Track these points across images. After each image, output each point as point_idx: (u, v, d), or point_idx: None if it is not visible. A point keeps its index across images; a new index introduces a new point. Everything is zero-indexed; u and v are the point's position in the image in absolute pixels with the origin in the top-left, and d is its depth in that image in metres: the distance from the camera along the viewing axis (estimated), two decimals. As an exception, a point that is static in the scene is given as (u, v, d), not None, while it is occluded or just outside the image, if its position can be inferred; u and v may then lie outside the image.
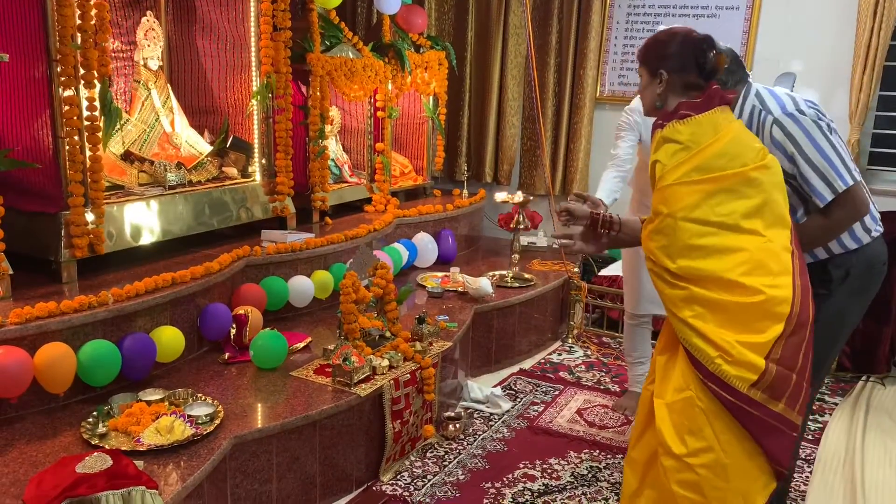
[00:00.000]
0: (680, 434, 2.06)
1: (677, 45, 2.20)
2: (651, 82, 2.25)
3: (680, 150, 2.11)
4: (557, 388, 3.85)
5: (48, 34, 2.74)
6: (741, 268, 2.03)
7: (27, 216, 2.92)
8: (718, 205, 2.08)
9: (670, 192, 2.12)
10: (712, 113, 2.12)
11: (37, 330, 2.48)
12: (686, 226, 2.08)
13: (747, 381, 1.98)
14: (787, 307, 2.01)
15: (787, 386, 2.02)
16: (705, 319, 2.03)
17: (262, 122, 3.84)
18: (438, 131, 5.17)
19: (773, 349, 1.99)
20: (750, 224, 2.06)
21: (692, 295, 2.06)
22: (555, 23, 5.37)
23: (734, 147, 2.08)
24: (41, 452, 2.28)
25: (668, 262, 2.10)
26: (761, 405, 2.00)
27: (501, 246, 5.17)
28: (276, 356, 2.96)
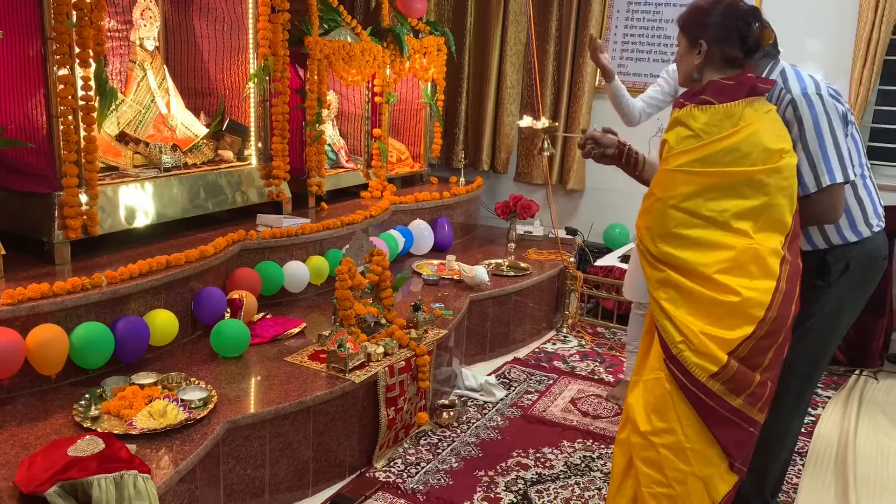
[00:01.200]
0: (647, 412, 2.13)
1: (720, 13, 2.10)
2: (689, 51, 2.17)
3: (690, 136, 2.09)
4: (551, 378, 3.85)
5: (43, 11, 2.70)
6: (720, 265, 2.05)
7: (20, 196, 2.89)
8: (712, 200, 2.07)
9: (667, 177, 2.12)
10: (736, 104, 2.06)
11: (29, 311, 2.46)
12: (674, 213, 2.09)
13: (707, 370, 2.02)
14: (760, 311, 2.03)
15: (748, 383, 2.05)
16: (676, 304, 2.08)
17: (258, 105, 3.80)
18: (436, 118, 5.14)
19: (739, 348, 2.03)
20: (740, 224, 2.06)
21: (668, 278, 2.09)
22: (554, 10, 5.33)
23: (747, 145, 2.05)
24: (32, 435, 2.26)
25: (651, 244, 2.13)
26: (718, 397, 2.04)
27: (497, 234, 5.15)
28: (237, 344, 2.90)
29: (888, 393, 3.85)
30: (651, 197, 2.17)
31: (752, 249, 2.06)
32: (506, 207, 4.73)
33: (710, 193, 2.08)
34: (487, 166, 5.78)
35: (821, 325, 2.37)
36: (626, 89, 3.56)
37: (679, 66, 2.26)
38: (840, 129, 2.18)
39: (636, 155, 2.43)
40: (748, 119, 2.06)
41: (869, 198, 2.34)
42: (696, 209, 2.08)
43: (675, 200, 2.09)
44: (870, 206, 2.33)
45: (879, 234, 2.36)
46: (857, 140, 2.32)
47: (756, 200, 2.07)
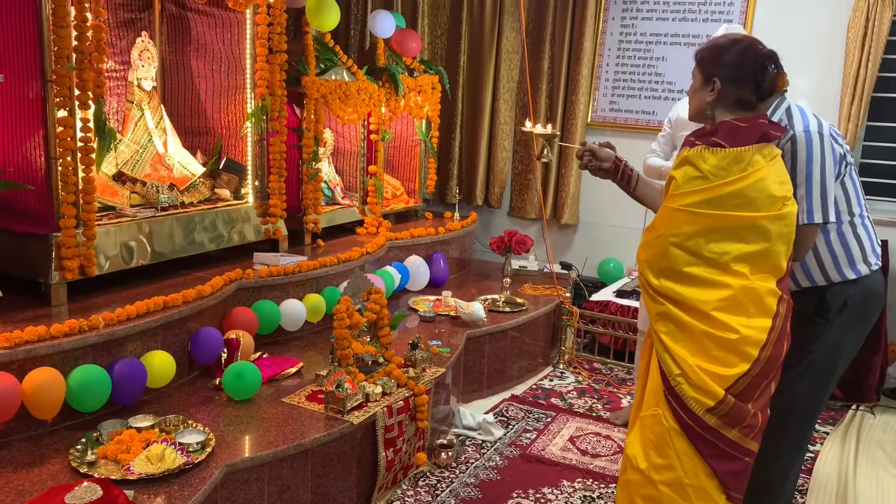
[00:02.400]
0: (646, 449, 2.17)
1: (737, 53, 2.12)
2: (703, 88, 2.19)
3: (698, 178, 2.12)
4: (549, 415, 3.83)
5: (44, 54, 2.72)
6: (719, 303, 2.09)
7: (17, 237, 2.88)
8: (714, 241, 2.10)
9: (672, 215, 2.15)
10: (746, 150, 2.08)
11: (25, 354, 2.44)
12: (675, 251, 2.12)
13: (703, 405, 2.07)
14: (756, 350, 2.07)
15: (743, 416, 2.09)
16: (675, 338, 2.12)
17: (255, 143, 3.82)
18: (431, 154, 5.18)
19: (736, 384, 2.07)
20: (738, 267, 2.10)
21: (668, 312, 2.13)
22: (547, 48, 5.41)
23: (753, 191, 2.07)
24: (28, 481, 2.23)
25: (652, 277, 2.16)
26: (715, 430, 2.08)
27: (492, 269, 5.16)
28: (249, 388, 2.87)
29: (885, 428, 3.86)
30: (654, 231, 2.20)
31: (750, 289, 2.09)
32: (501, 242, 4.74)
33: (713, 235, 2.11)
34: (481, 201, 5.81)
35: (820, 362, 2.39)
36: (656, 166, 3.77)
37: (691, 101, 2.27)
38: (831, 171, 2.22)
39: (631, 172, 2.47)
40: (757, 165, 2.08)
41: (867, 236, 2.37)
42: (697, 249, 2.11)
43: (678, 239, 2.12)
44: (868, 244, 2.36)
45: (877, 273, 2.39)
46: (854, 180, 2.36)
47: (757, 245, 2.10)
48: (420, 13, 5.64)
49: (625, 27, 5.24)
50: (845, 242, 2.32)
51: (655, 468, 2.15)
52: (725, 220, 2.09)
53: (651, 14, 5.15)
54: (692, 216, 2.11)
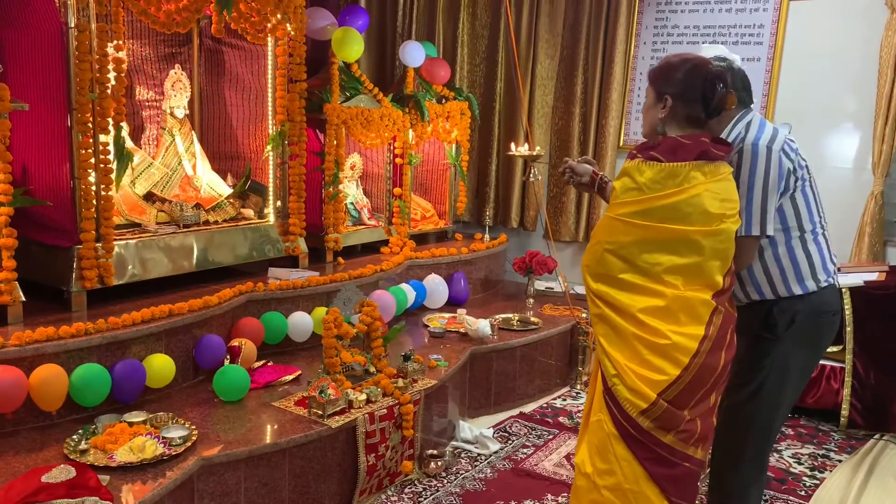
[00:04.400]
0: (591, 454, 2.24)
1: (686, 72, 2.19)
2: (655, 105, 2.26)
3: (633, 189, 2.19)
4: (552, 433, 3.86)
5: (70, 86, 3.05)
6: (650, 309, 2.14)
7: (45, 249, 3.21)
8: (647, 252, 2.16)
9: (609, 224, 2.23)
10: (682, 165, 2.13)
11: (34, 352, 2.72)
12: (610, 258, 2.20)
13: (637, 406, 2.13)
14: (686, 357, 2.11)
15: (677, 421, 2.13)
16: (611, 341, 2.20)
17: (277, 167, 4.09)
18: (460, 178, 5.33)
19: (667, 390, 2.11)
20: (670, 278, 2.16)
21: (603, 314, 2.21)
22: (580, 74, 5.50)
23: (688, 207, 2.13)
24: (24, 464, 2.49)
25: (591, 281, 2.25)
26: (648, 433, 2.13)
27: (521, 290, 5.23)
28: (234, 389, 3.06)
29: (907, 459, 3.69)
30: (594, 238, 2.29)
31: (682, 298, 2.14)
32: (522, 263, 4.84)
33: (646, 246, 2.17)
34: (517, 223, 5.90)
35: (771, 381, 2.38)
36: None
37: (644, 118, 2.35)
38: (774, 185, 2.23)
39: (605, 183, 2.55)
40: (693, 181, 2.13)
41: (818, 252, 2.35)
42: (630, 258, 2.18)
43: (613, 246, 2.21)
44: (818, 260, 2.34)
45: (829, 290, 2.36)
46: (808, 195, 2.35)
47: (689, 259, 2.15)
48: (459, 42, 5.84)
49: (655, 51, 5.27)
50: (794, 257, 2.32)
51: (599, 473, 2.21)
52: (658, 231, 2.15)
53: (681, 38, 5.17)
54: (627, 226, 2.18)
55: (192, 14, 3.39)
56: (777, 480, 3.43)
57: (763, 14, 4.85)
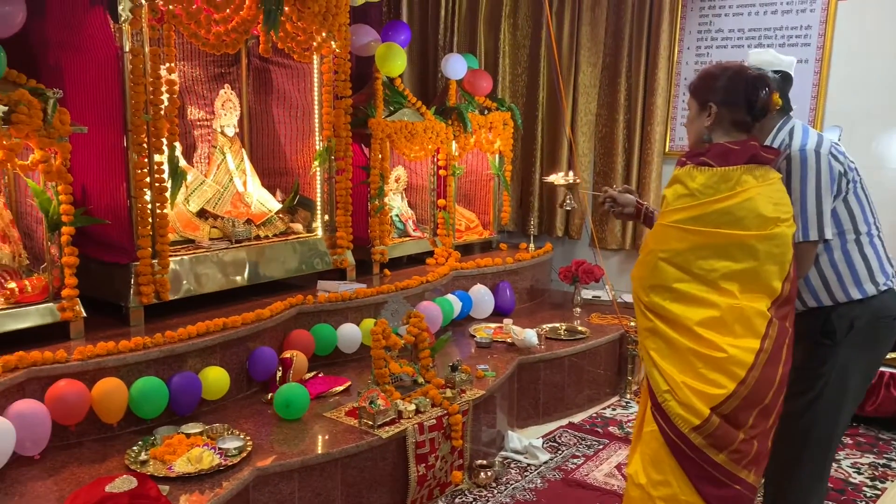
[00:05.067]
0: (644, 464, 2.21)
1: (728, 78, 2.22)
2: (699, 115, 2.28)
3: (686, 195, 2.19)
4: (602, 443, 3.84)
5: (126, 108, 3.16)
6: (705, 321, 2.11)
7: (105, 266, 3.33)
8: (702, 258, 2.15)
9: (662, 231, 2.22)
10: (734, 169, 2.14)
11: (96, 366, 2.83)
12: (665, 267, 2.18)
13: (689, 422, 2.09)
14: (742, 370, 2.08)
15: (730, 440, 2.08)
16: (663, 354, 2.16)
17: (324, 181, 4.16)
18: (504, 187, 5.35)
19: (722, 405, 2.08)
20: (727, 285, 2.13)
21: (656, 328, 2.18)
22: (623, 81, 5.47)
23: (741, 210, 2.12)
24: (88, 475, 2.58)
25: (642, 293, 2.22)
26: (699, 450, 2.10)
27: (567, 299, 5.21)
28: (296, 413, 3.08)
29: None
30: (645, 248, 2.28)
31: (737, 309, 2.12)
32: (568, 272, 4.83)
33: (701, 252, 2.16)
34: (562, 232, 5.88)
35: (831, 388, 2.33)
36: None
37: (689, 130, 2.36)
38: (827, 189, 2.20)
39: (652, 214, 2.56)
40: (746, 185, 2.13)
41: (875, 255, 2.31)
42: (686, 265, 2.17)
43: (667, 255, 2.19)
44: (876, 263, 2.30)
45: (888, 294, 2.31)
46: (861, 198, 2.32)
47: (745, 264, 2.13)
48: (501, 53, 5.86)
49: (700, 56, 5.22)
50: (850, 261, 2.28)
51: (653, 484, 2.19)
52: (713, 237, 2.14)
53: (726, 42, 5.11)
54: (681, 232, 2.17)
55: (241, 35, 3.49)
56: (836, 491, 3.35)
57: (810, 15, 4.77)
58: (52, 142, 2.87)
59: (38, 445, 2.65)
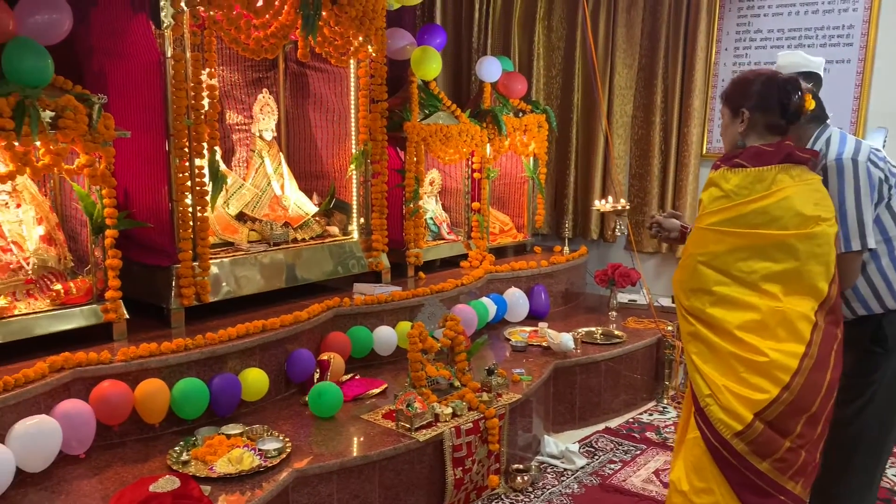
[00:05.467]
0: (687, 471, 2.19)
1: (761, 83, 2.21)
2: (733, 121, 2.26)
3: (722, 197, 2.18)
4: (640, 448, 3.80)
5: (167, 113, 3.21)
6: (745, 324, 2.08)
7: (146, 268, 3.38)
8: (741, 260, 2.12)
9: (700, 235, 2.20)
10: (768, 169, 2.13)
11: (139, 367, 2.87)
12: (704, 270, 2.16)
13: (731, 428, 2.06)
14: (786, 375, 2.04)
15: (774, 448, 2.05)
16: (705, 358, 2.14)
17: (360, 185, 4.19)
18: (538, 190, 5.33)
19: (766, 411, 2.04)
20: (769, 286, 2.10)
21: (697, 332, 2.17)
22: (659, 83, 5.42)
23: (778, 210, 2.10)
24: (131, 474, 2.62)
25: (683, 297, 2.21)
26: (742, 457, 2.06)
27: (602, 303, 5.17)
28: (329, 407, 3.12)
29: None
30: (685, 252, 2.26)
31: (779, 312, 2.08)
32: (604, 276, 4.80)
33: (740, 254, 2.13)
34: (596, 235, 5.84)
35: (882, 395, 2.29)
36: None
37: (724, 137, 2.35)
38: (867, 196, 2.17)
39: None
40: (781, 184, 2.11)
41: None
42: (725, 268, 2.15)
43: (706, 258, 2.18)
44: None
45: None
46: None
47: (786, 264, 2.10)
48: (535, 55, 5.84)
49: (738, 57, 5.15)
50: None
51: (696, 492, 2.17)
52: (751, 238, 2.11)
53: (765, 43, 5.04)
54: (718, 235, 2.15)
55: (280, 40, 3.52)
56: (882, 500, 3.27)
57: (853, 14, 4.68)
58: (96, 146, 2.93)
59: (84, 445, 2.70)
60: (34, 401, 2.61)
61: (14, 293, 2.97)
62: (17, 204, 3.08)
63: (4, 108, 2.65)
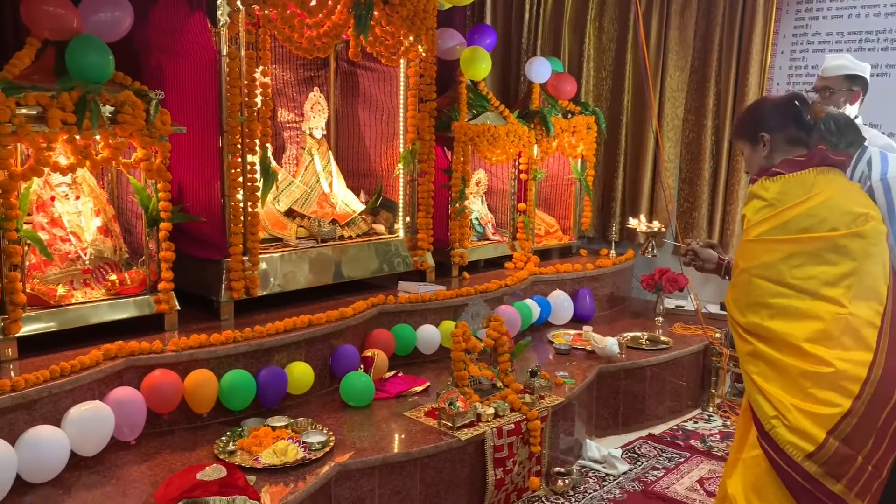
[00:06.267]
0: (746, 492, 2.08)
1: (770, 105, 2.24)
2: (754, 150, 2.26)
3: (765, 206, 2.14)
4: (684, 456, 3.75)
5: (222, 110, 3.28)
6: (810, 335, 2.00)
7: (198, 262, 3.45)
8: (797, 267, 2.06)
9: (749, 248, 2.15)
10: (806, 172, 2.11)
11: (188, 357, 2.94)
12: (759, 283, 2.10)
13: (802, 450, 1.94)
14: (856, 386, 1.95)
15: (848, 466, 1.94)
16: (767, 378, 2.04)
17: (407, 184, 4.21)
18: (586, 193, 5.29)
19: (839, 426, 1.94)
20: (831, 292, 2.02)
21: (756, 351, 2.08)
22: (712, 86, 5.33)
23: (824, 210, 2.06)
24: (180, 461, 2.68)
25: (739, 315, 2.14)
26: (816, 480, 1.94)
27: (649, 308, 5.11)
28: (359, 396, 3.17)
29: None
30: (736, 269, 2.21)
31: (843, 319, 2.00)
32: (651, 280, 4.74)
33: (794, 261, 2.08)
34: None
35: None
36: None
37: (749, 166, 2.34)
38: None
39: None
40: (820, 187, 2.08)
41: None
42: (780, 277, 2.08)
43: (759, 270, 2.12)
44: None
45: None
46: None
47: (843, 267, 2.04)
48: (585, 56, 5.80)
49: (794, 60, 5.04)
50: None
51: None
52: (801, 243, 2.06)
53: (823, 46, 4.92)
54: (767, 244, 2.10)
55: (332, 39, 3.57)
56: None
57: (917, 16, 4.54)
58: (153, 141, 3.01)
59: (134, 431, 2.77)
60: (88, 387, 2.69)
61: (72, 282, 3.07)
62: (77, 196, 3.18)
63: (67, 102, 2.73)
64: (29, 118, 2.68)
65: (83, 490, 2.47)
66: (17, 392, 2.47)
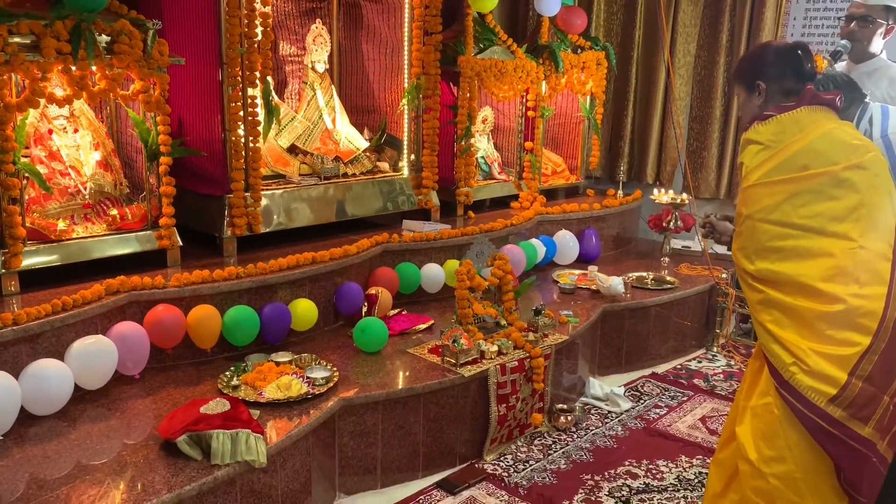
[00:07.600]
0: (756, 439, 2.03)
1: (772, 54, 2.20)
2: (749, 97, 2.23)
3: (761, 150, 2.09)
4: (686, 394, 3.76)
5: (221, 41, 3.19)
6: (823, 273, 1.95)
7: (200, 198, 3.41)
8: (802, 206, 2.01)
9: (750, 193, 2.10)
10: (798, 112, 2.07)
11: (191, 293, 2.92)
12: (764, 227, 2.04)
13: (825, 395, 1.89)
14: (873, 321, 1.90)
15: (874, 407, 1.88)
16: (782, 325, 1.99)
17: (411, 120, 4.13)
18: (594, 131, 5.20)
19: (860, 365, 1.89)
20: (839, 227, 1.97)
21: (769, 298, 2.02)
22: (726, 21, 5.19)
23: (822, 144, 2.02)
24: (183, 396, 2.69)
25: (747, 263, 2.08)
26: (842, 424, 1.88)
27: (654, 248, 5.07)
28: (373, 342, 3.13)
29: None
30: (740, 217, 2.14)
31: (856, 253, 1.95)
32: (658, 221, 4.69)
33: (798, 200, 2.02)
34: (652, 179, 5.69)
35: None
36: None
37: (744, 112, 2.29)
38: None
39: None
40: (817, 122, 2.05)
41: None
42: (786, 219, 2.03)
43: (763, 214, 2.06)
44: None
45: None
46: None
47: (848, 200, 1.99)
48: (596, -10, 5.63)
49: None
50: None
51: (765, 460, 2.01)
52: (802, 181, 2.01)
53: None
54: (769, 187, 2.05)
55: (334, -32, 3.44)
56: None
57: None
58: (151, 72, 2.93)
59: (138, 366, 2.78)
60: (91, 321, 2.69)
61: (72, 217, 3.04)
62: (75, 129, 3.12)
63: (62, 30, 2.66)
64: (22, 47, 2.61)
65: (87, 423, 2.49)
66: (20, 325, 2.46)
